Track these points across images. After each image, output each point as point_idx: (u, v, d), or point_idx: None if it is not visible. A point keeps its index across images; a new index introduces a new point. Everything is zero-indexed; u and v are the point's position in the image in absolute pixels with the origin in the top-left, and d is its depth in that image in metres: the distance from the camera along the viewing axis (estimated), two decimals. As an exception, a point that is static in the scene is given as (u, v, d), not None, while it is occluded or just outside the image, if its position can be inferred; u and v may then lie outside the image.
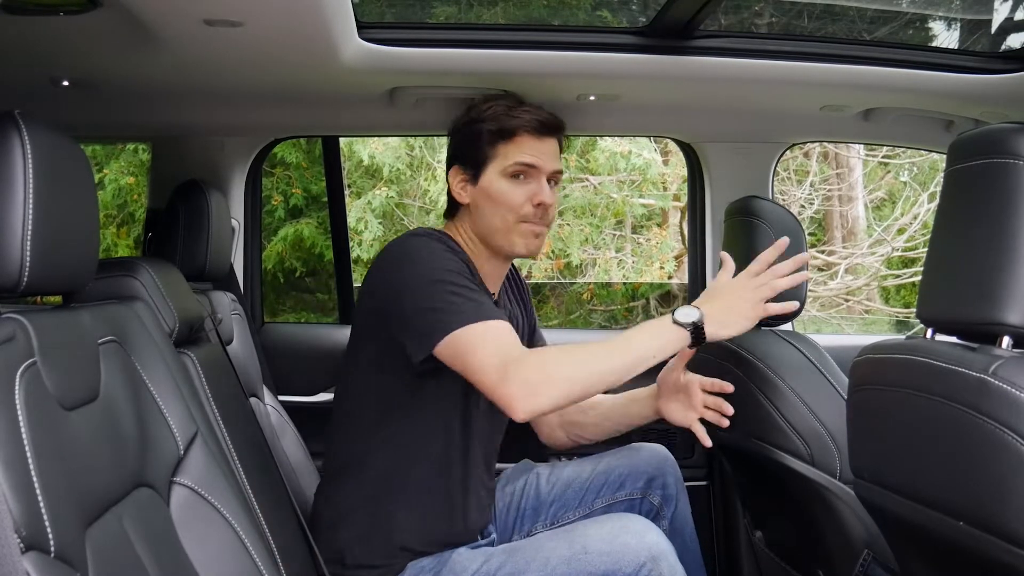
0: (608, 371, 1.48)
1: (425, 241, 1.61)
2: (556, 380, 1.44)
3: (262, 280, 2.71)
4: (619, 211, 7.44)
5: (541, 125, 1.71)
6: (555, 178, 1.75)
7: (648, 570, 1.46)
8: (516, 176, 1.70)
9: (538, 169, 1.70)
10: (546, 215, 1.71)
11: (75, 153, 1.11)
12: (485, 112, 1.73)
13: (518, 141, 1.70)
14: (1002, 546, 1.06)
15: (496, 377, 1.43)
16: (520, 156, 1.70)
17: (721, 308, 1.54)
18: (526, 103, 1.77)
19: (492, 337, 1.47)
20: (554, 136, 1.74)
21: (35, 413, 0.93)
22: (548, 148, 1.73)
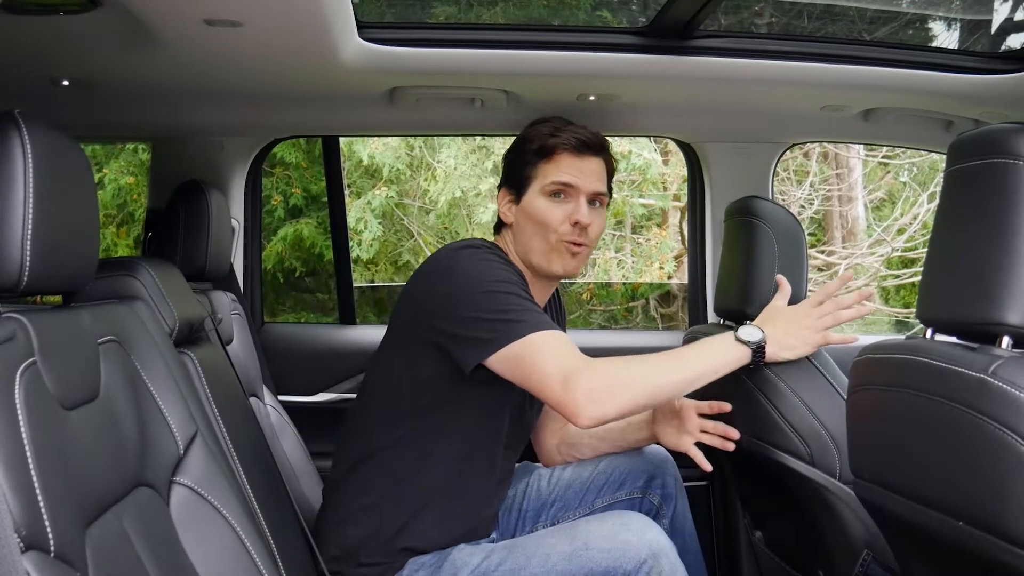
0: (670, 383, 1.53)
1: (480, 252, 1.62)
2: (620, 389, 1.47)
3: (262, 280, 2.71)
4: (619, 211, 7.44)
5: (580, 144, 1.70)
6: (599, 199, 1.74)
7: (649, 567, 1.46)
8: (555, 195, 1.70)
9: (577, 188, 1.70)
10: (584, 235, 1.70)
11: (75, 153, 1.11)
12: (531, 132, 1.75)
13: (557, 160, 1.71)
14: (1002, 546, 1.06)
15: (560, 386, 1.45)
16: (558, 175, 1.70)
17: (784, 331, 1.61)
18: (572, 124, 1.75)
19: (554, 347, 1.49)
20: (596, 155, 1.73)
21: (35, 413, 0.93)
22: (589, 167, 1.72)
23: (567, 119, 1.78)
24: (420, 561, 1.61)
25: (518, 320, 1.51)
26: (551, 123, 1.75)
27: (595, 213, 1.73)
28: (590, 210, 1.71)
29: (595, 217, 1.72)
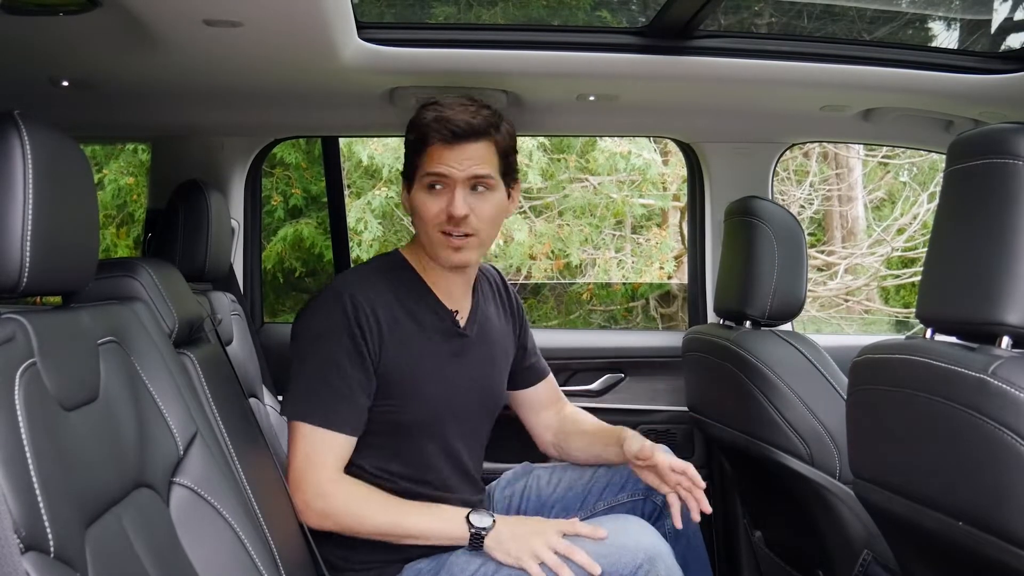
0: (385, 534, 1.59)
1: (327, 300, 1.65)
2: (335, 516, 1.58)
3: (262, 280, 2.71)
4: (619, 211, 7.43)
5: (451, 134, 1.61)
6: (482, 183, 1.64)
7: (645, 571, 1.46)
8: (432, 187, 1.64)
9: (451, 178, 1.63)
10: (465, 225, 1.63)
11: (75, 153, 1.11)
12: (413, 120, 1.68)
13: (431, 151, 1.64)
14: (1001, 546, 1.06)
15: (294, 481, 1.59)
16: (431, 166, 1.63)
17: (511, 535, 1.53)
18: (456, 105, 1.64)
19: (311, 445, 1.59)
20: (475, 141, 1.63)
21: (35, 413, 0.93)
22: (464, 155, 1.62)
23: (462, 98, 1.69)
24: (418, 567, 1.61)
25: (302, 400, 1.62)
26: (434, 108, 1.65)
27: (479, 198, 1.64)
28: (473, 196, 1.64)
29: (479, 203, 1.64)
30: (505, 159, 1.69)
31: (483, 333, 1.78)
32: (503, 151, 1.68)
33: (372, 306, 1.63)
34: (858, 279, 7.44)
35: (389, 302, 1.66)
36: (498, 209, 1.68)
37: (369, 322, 1.62)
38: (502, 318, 1.87)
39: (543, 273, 7.33)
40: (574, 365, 2.57)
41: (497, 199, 1.68)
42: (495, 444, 1.91)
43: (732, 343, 1.99)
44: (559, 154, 7.11)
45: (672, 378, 2.53)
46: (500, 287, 1.91)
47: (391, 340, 1.64)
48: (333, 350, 1.61)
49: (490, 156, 1.66)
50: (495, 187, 1.67)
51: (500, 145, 1.67)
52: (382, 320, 1.63)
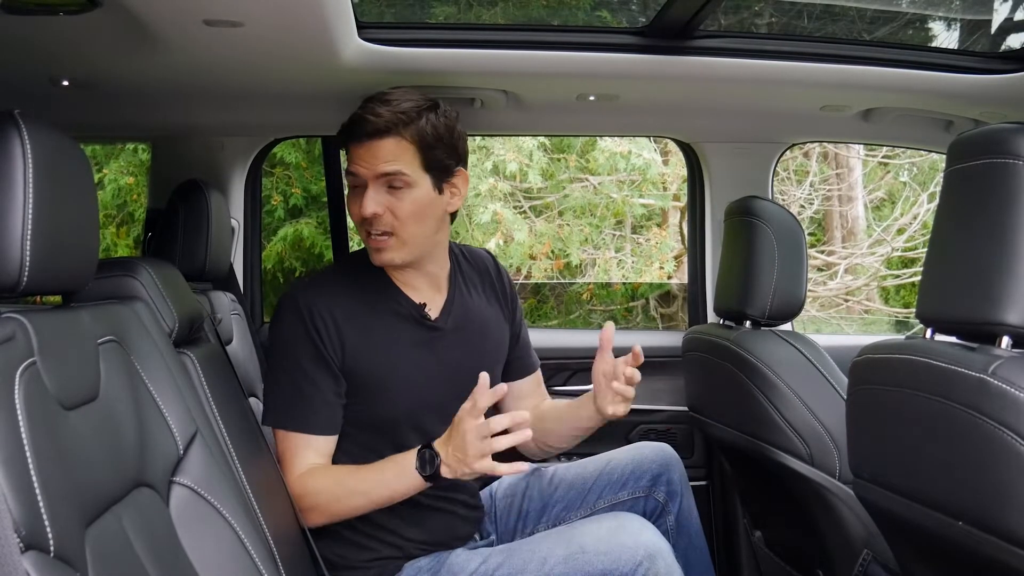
0: (362, 505, 1.61)
1: (284, 308, 1.66)
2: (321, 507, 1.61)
3: (262, 280, 2.71)
4: (619, 211, 7.43)
5: (360, 132, 1.60)
6: (396, 179, 1.60)
7: (645, 568, 1.46)
8: (353, 188, 1.65)
9: (360, 178, 1.62)
10: (377, 225, 1.61)
11: (75, 153, 1.11)
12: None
13: (348, 149, 1.64)
14: (1002, 546, 1.06)
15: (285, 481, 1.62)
16: (348, 165, 1.64)
17: (454, 457, 1.52)
18: (375, 102, 1.61)
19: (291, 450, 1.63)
20: (383, 137, 1.59)
21: (35, 413, 0.93)
22: (371, 153, 1.60)
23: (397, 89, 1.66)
24: (418, 565, 1.61)
25: (270, 406, 1.66)
26: (361, 108, 1.63)
27: (394, 196, 1.61)
28: (387, 194, 1.61)
29: (395, 201, 1.61)
30: (427, 152, 1.62)
31: (462, 323, 1.75)
32: (424, 145, 1.62)
33: (328, 308, 1.63)
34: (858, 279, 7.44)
35: (348, 303, 1.66)
36: (419, 205, 1.62)
37: (326, 324, 1.62)
38: (493, 304, 1.84)
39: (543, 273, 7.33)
40: (574, 365, 2.56)
41: (416, 195, 1.62)
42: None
43: (732, 343, 1.99)
44: (559, 154, 7.11)
45: (672, 378, 2.53)
46: (492, 273, 1.88)
47: (352, 339, 1.64)
48: (297, 356, 1.63)
49: (402, 153, 1.60)
50: (412, 184, 1.61)
51: (416, 139, 1.61)
52: (340, 320, 1.63)
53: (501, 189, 6.80)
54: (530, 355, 1.95)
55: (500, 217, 6.74)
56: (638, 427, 2.52)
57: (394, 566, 1.63)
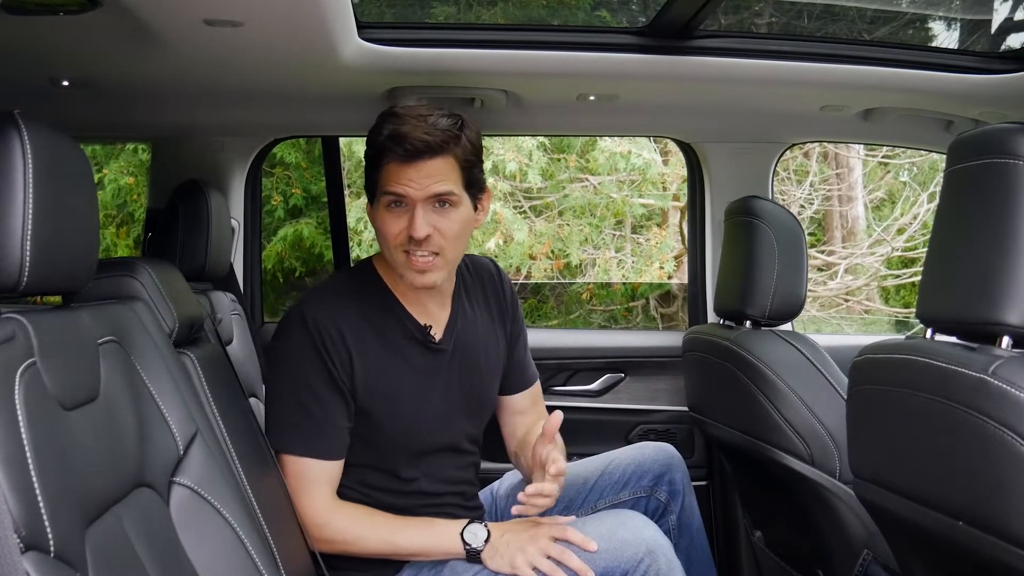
0: (383, 554, 1.61)
1: (292, 324, 1.62)
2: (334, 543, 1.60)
3: (262, 280, 2.71)
4: (619, 211, 7.43)
5: (406, 152, 1.53)
6: (444, 199, 1.57)
7: (647, 565, 1.46)
8: (392, 205, 1.58)
9: (409, 198, 1.56)
10: (428, 244, 1.56)
11: (75, 153, 1.11)
12: (371, 132, 1.61)
13: (388, 169, 1.56)
14: (1002, 546, 1.06)
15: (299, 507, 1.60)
16: (388, 185, 1.56)
17: (507, 543, 1.54)
18: (413, 118, 1.56)
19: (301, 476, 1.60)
20: (432, 157, 1.55)
21: (35, 413, 0.93)
22: (421, 173, 1.55)
23: (421, 105, 1.61)
24: (419, 564, 1.61)
25: (277, 427, 1.63)
26: (391, 120, 1.57)
27: (442, 216, 1.57)
28: (435, 214, 1.57)
29: (443, 221, 1.57)
30: (468, 171, 1.60)
31: (463, 343, 1.73)
32: (465, 164, 1.60)
33: (338, 329, 1.59)
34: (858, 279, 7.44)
35: (356, 322, 1.62)
36: (463, 225, 1.61)
37: (336, 346, 1.59)
38: (493, 317, 1.81)
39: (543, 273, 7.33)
40: (574, 365, 2.57)
41: (462, 215, 1.60)
42: (497, 444, 1.91)
43: (732, 343, 1.99)
44: (559, 154, 7.10)
45: (672, 378, 2.53)
46: (493, 279, 1.84)
47: (360, 363, 1.60)
48: (307, 375, 1.59)
49: (450, 171, 1.58)
50: (459, 203, 1.59)
51: (461, 158, 1.59)
52: (349, 342, 1.60)
53: (501, 189, 6.80)
54: (527, 368, 1.90)
55: (500, 217, 6.73)
56: (638, 427, 2.52)
57: (394, 566, 1.63)
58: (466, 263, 1.81)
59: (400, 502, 1.66)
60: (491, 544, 1.55)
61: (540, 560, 1.50)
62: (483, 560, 1.55)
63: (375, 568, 1.63)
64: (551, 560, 1.50)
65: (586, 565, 1.48)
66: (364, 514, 1.62)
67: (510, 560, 1.52)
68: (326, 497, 1.61)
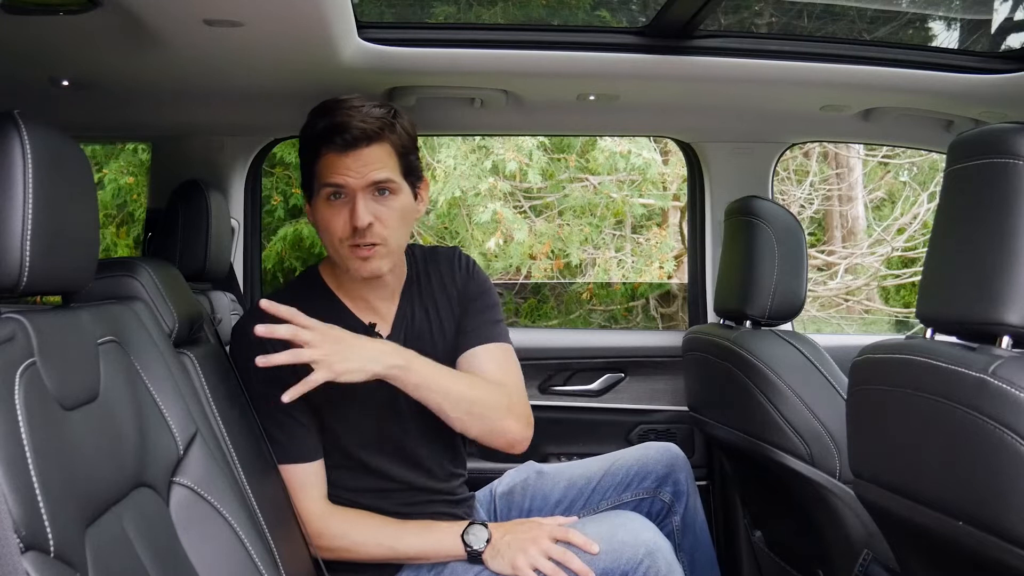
0: (383, 559, 1.61)
1: (236, 338, 1.63)
2: (332, 550, 1.60)
3: (262, 280, 2.71)
4: (619, 211, 7.43)
5: (343, 141, 1.53)
6: (384, 187, 1.57)
7: (646, 567, 1.46)
8: (332, 197, 1.57)
9: (349, 187, 1.55)
10: (370, 234, 1.55)
11: (75, 153, 1.11)
12: (304, 127, 1.60)
13: (325, 160, 1.55)
14: (1002, 546, 1.06)
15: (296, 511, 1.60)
16: (327, 176, 1.55)
17: (507, 544, 1.54)
18: (346, 107, 1.55)
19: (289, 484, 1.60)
20: (367, 145, 1.54)
21: (35, 413, 0.93)
22: (359, 161, 1.54)
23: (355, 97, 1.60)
24: (419, 564, 1.61)
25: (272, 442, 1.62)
26: (324, 114, 1.56)
27: (383, 203, 1.57)
28: (376, 202, 1.56)
29: (384, 209, 1.56)
30: (405, 158, 1.60)
31: (414, 336, 1.69)
32: (402, 151, 1.59)
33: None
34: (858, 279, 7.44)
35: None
36: (404, 213, 1.60)
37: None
38: (444, 307, 1.73)
39: (543, 273, 7.33)
40: (574, 365, 2.57)
41: (401, 202, 1.59)
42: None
43: (732, 343, 1.99)
44: (559, 154, 7.11)
45: (672, 378, 2.53)
46: (452, 266, 1.76)
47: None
48: (262, 385, 1.59)
49: (388, 159, 1.57)
50: (398, 191, 1.59)
51: (398, 145, 1.58)
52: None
53: (501, 189, 6.80)
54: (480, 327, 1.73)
55: (500, 217, 6.74)
56: (638, 427, 2.52)
57: (394, 567, 1.63)
58: (422, 253, 1.77)
59: (383, 503, 1.65)
60: (492, 545, 1.55)
61: (541, 561, 1.50)
62: (484, 561, 1.55)
63: (375, 568, 1.63)
64: (552, 561, 1.50)
65: (587, 567, 1.48)
66: (361, 519, 1.62)
67: (511, 561, 1.52)
68: (317, 501, 1.61)
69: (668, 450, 1.84)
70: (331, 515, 1.61)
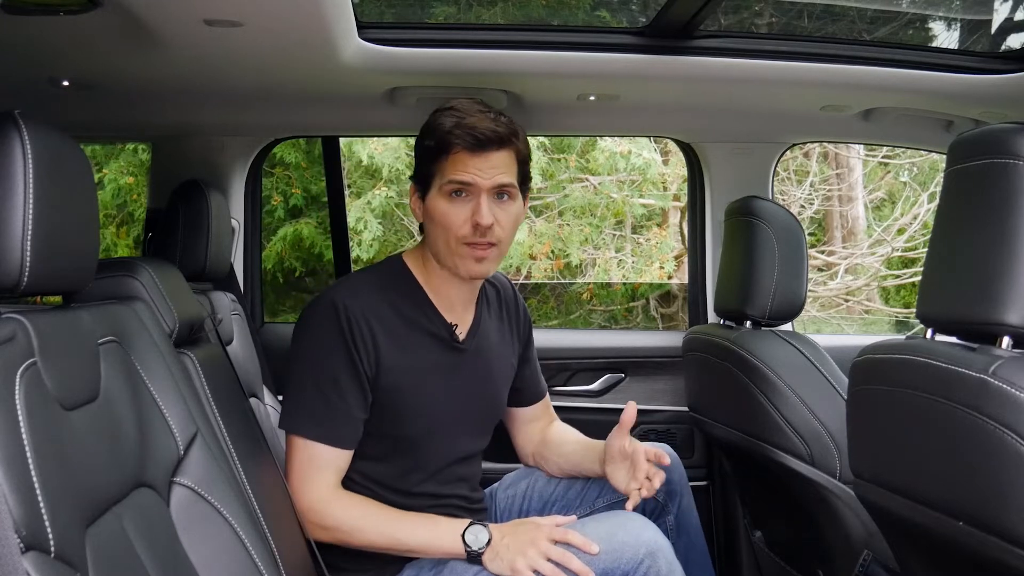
0: (382, 548, 1.61)
1: (320, 309, 1.63)
2: (332, 530, 1.60)
3: (262, 280, 2.71)
4: (619, 211, 7.43)
5: (477, 141, 1.58)
6: (505, 191, 1.62)
7: (647, 567, 1.46)
8: (455, 194, 1.60)
9: (476, 186, 1.59)
10: (490, 234, 1.60)
11: (75, 153, 1.11)
12: (431, 123, 1.64)
13: (455, 158, 1.59)
14: (1002, 546, 1.06)
15: (292, 492, 1.60)
16: (455, 174, 1.59)
17: (507, 545, 1.54)
18: (476, 111, 1.61)
19: (308, 460, 1.60)
20: (499, 149, 1.60)
21: (35, 413, 0.93)
22: (489, 163, 1.59)
23: (475, 103, 1.65)
24: (420, 563, 1.61)
25: (295, 412, 1.62)
26: (452, 113, 1.61)
27: (502, 207, 1.62)
28: (496, 205, 1.61)
29: (502, 213, 1.61)
30: (523, 167, 1.67)
31: (481, 347, 1.75)
32: (522, 159, 1.66)
33: (367, 319, 1.61)
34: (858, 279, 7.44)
35: (385, 314, 1.64)
36: (517, 219, 1.67)
37: (364, 337, 1.60)
38: (505, 332, 1.84)
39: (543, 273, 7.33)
40: (574, 365, 2.57)
41: (517, 209, 1.66)
42: (497, 444, 1.91)
43: (732, 343, 1.99)
44: (559, 154, 7.11)
45: (672, 378, 2.53)
46: (509, 298, 1.87)
47: (386, 355, 1.61)
48: (331, 363, 1.59)
49: (511, 164, 1.63)
50: (516, 196, 1.65)
51: (520, 153, 1.65)
52: (377, 334, 1.61)
53: (501, 189, 6.80)
54: (539, 383, 1.94)
55: (500, 217, 6.73)
56: (638, 427, 2.52)
57: (395, 567, 1.63)
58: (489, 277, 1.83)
59: (404, 501, 1.66)
60: (492, 546, 1.55)
61: (541, 563, 1.50)
62: (483, 562, 1.55)
63: (375, 567, 1.63)
64: (552, 563, 1.50)
65: (587, 567, 1.48)
66: (365, 504, 1.62)
67: (510, 563, 1.52)
68: (330, 484, 1.61)
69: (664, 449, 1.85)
70: (337, 499, 1.60)
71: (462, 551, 1.56)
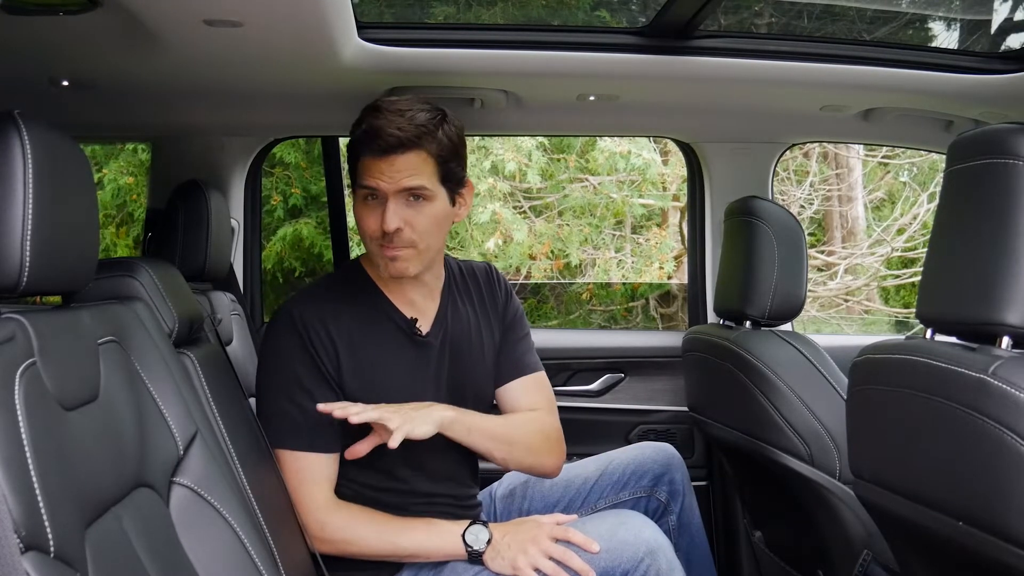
0: (383, 555, 1.61)
1: (279, 321, 1.64)
2: (333, 543, 1.60)
3: (262, 280, 2.71)
4: (619, 211, 7.43)
5: (379, 147, 1.55)
6: (417, 193, 1.58)
7: (647, 565, 1.46)
8: (367, 199, 1.60)
9: (381, 192, 1.57)
10: (398, 238, 1.58)
11: (75, 153, 1.11)
12: (351, 129, 1.63)
13: (364, 162, 1.59)
14: (1002, 546, 1.06)
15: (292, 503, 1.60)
16: (363, 178, 1.59)
17: (507, 544, 1.54)
18: (391, 112, 1.57)
19: (298, 472, 1.61)
20: (406, 152, 1.56)
21: (35, 413, 0.93)
22: (394, 167, 1.56)
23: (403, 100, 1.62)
24: (419, 563, 1.61)
25: (271, 424, 1.63)
26: (369, 116, 1.58)
27: (416, 209, 1.59)
28: (407, 208, 1.58)
29: (415, 214, 1.58)
30: (444, 166, 1.61)
31: (453, 337, 1.72)
32: (441, 158, 1.60)
33: (323, 323, 1.62)
34: (858, 279, 7.44)
35: (341, 317, 1.64)
36: (436, 219, 1.62)
37: (322, 340, 1.61)
38: (487, 315, 1.80)
39: (543, 273, 7.33)
40: (574, 365, 2.57)
41: (435, 209, 1.61)
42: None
43: (732, 343, 1.99)
44: (559, 154, 7.11)
45: (672, 378, 2.53)
46: (489, 281, 1.83)
47: (347, 356, 1.62)
48: (296, 371, 1.60)
49: (423, 166, 1.58)
50: (432, 197, 1.60)
51: (435, 153, 1.59)
52: (335, 336, 1.62)
53: (500, 189, 6.80)
54: (522, 356, 1.83)
55: (499, 217, 6.74)
56: (638, 427, 2.52)
57: (394, 566, 1.63)
58: (459, 266, 1.82)
59: (394, 500, 1.66)
60: (493, 545, 1.55)
61: (542, 561, 1.50)
62: (484, 562, 1.55)
63: (374, 567, 1.63)
64: (553, 561, 1.50)
65: (588, 566, 1.48)
66: (364, 514, 1.62)
67: (512, 561, 1.52)
68: (325, 495, 1.61)
69: (664, 450, 1.85)
70: (335, 508, 1.61)
71: (463, 551, 1.56)
